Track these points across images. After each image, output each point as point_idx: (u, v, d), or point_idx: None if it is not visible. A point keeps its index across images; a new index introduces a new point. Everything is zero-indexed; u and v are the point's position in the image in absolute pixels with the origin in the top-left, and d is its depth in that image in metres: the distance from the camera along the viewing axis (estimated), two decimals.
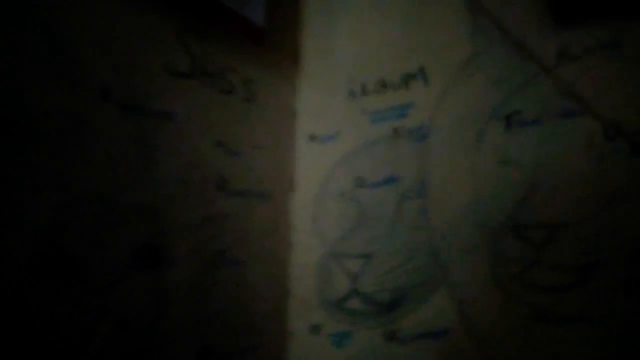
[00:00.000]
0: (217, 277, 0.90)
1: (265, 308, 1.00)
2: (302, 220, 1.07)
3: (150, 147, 0.81)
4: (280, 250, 1.05)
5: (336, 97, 1.08)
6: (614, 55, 0.82)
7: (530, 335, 0.82)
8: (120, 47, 0.76)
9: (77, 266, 0.70)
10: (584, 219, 0.80)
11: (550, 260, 0.82)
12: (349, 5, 1.10)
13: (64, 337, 0.67)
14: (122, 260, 0.75)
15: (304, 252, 1.06)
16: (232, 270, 0.93)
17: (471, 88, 0.93)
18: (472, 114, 0.92)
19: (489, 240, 0.87)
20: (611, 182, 0.79)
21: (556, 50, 0.86)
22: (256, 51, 1.03)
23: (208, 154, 0.91)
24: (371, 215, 1.00)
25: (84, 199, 0.71)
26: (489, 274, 0.86)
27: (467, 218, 0.90)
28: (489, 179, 0.89)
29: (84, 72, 0.72)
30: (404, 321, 0.93)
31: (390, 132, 1.01)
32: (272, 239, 1.03)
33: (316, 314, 1.02)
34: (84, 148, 0.71)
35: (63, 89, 0.69)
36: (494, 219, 0.87)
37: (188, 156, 0.87)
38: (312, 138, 1.10)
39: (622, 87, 0.81)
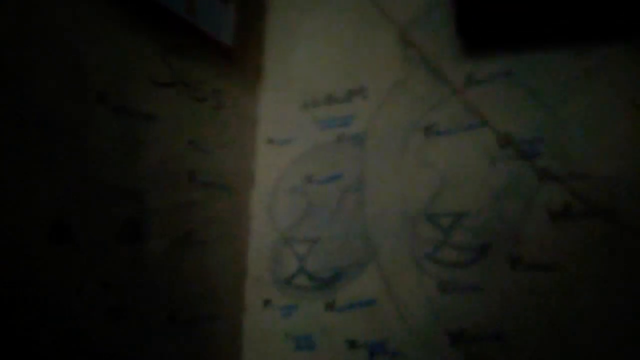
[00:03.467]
0: (185, 254, 1.08)
1: (225, 283, 1.18)
2: (259, 210, 1.26)
3: (136, 143, 0.98)
4: (239, 234, 1.23)
5: (291, 107, 1.28)
6: (507, 81, 1.04)
7: (439, 302, 1.03)
8: (116, 61, 0.94)
9: (76, 235, 0.86)
10: (480, 209, 1.02)
11: (454, 241, 1.03)
12: (305, 32, 1.31)
13: (65, 288, 0.84)
14: (111, 232, 0.92)
15: (259, 237, 1.25)
16: (198, 250, 1.11)
17: (400, 104, 1.15)
18: (400, 125, 1.14)
19: (409, 226, 1.08)
20: (500, 180, 1.01)
21: (464, 76, 1.09)
22: (225, 67, 1.22)
23: (182, 151, 1.09)
24: (317, 207, 1.20)
25: (81, 182, 0.88)
26: (408, 253, 1.07)
27: (393, 208, 1.11)
28: (410, 177, 1.10)
29: (86, 80, 0.89)
30: (340, 293, 1.13)
31: (335, 138, 1.21)
32: (233, 224, 1.21)
33: (268, 290, 1.21)
34: (83, 141, 0.89)
35: (69, 94, 0.87)
36: (413, 208, 1.08)
37: (166, 151, 1.04)
38: (270, 141, 1.29)
39: (512, 106, 1.03)
